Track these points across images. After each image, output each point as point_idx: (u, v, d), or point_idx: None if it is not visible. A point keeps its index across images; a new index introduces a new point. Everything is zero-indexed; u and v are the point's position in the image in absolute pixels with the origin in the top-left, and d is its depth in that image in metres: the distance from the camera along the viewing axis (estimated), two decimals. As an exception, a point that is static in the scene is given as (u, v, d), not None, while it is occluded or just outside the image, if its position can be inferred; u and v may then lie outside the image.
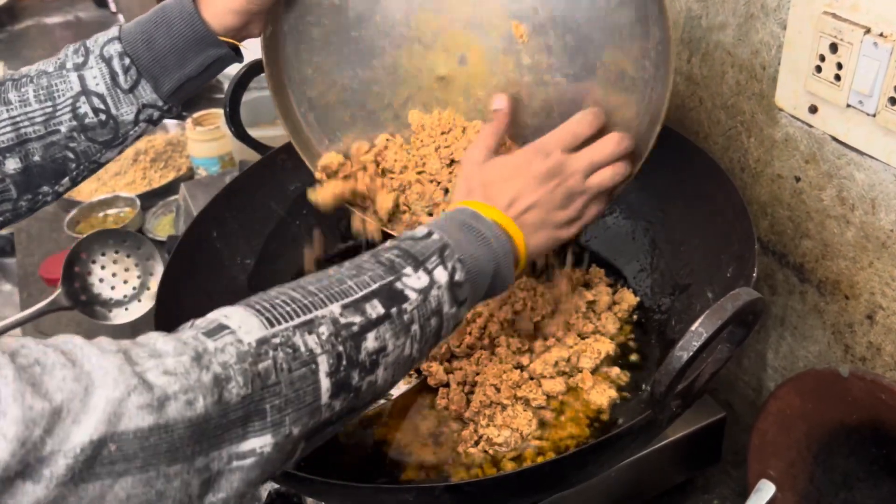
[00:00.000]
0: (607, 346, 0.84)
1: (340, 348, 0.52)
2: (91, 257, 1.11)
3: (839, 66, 0.69)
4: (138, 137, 0.77)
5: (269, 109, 1.39)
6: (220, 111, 1.39)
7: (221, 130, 1.40)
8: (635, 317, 0.89)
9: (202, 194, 1.17)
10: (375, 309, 0.55)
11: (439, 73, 0.79)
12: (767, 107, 0.81)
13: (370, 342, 0.54)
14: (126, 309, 1.11)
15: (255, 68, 0.93)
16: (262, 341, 0.49)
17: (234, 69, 0.86)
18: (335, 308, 0.53)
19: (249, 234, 0.96)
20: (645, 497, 0.84)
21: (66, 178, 0.75)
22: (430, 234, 0.61)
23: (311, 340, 0.51)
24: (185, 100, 0.77)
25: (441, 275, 0.59)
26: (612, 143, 0.72)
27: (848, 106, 0.70)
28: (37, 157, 0.72)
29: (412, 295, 0.57)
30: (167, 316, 0.80)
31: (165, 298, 0.81)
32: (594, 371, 0.82)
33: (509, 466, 0.75)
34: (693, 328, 0.56)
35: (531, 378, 0.81)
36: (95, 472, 0.41)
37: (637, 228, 0.95)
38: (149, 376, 0.44)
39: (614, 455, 0.69)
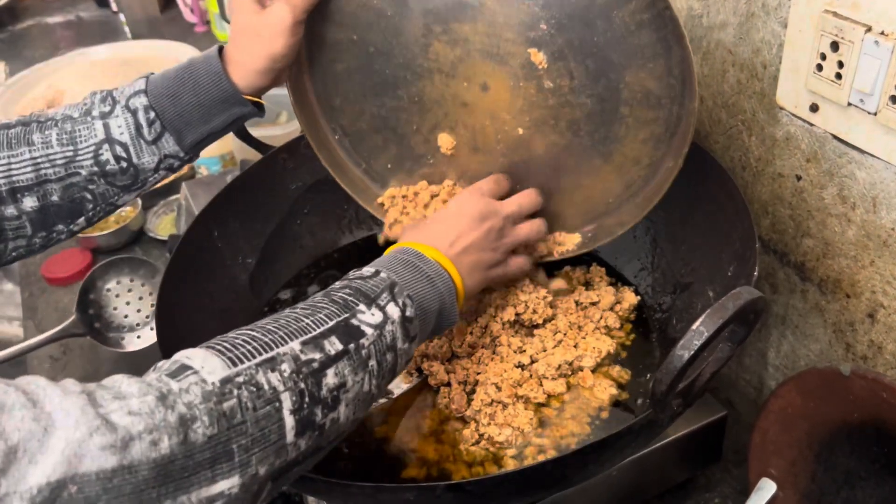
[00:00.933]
0: (608, 345, 0.84)
1: (302, 385, 0.53)
2: (106, 284, 1.11)
3: (840, 64, 0.69)
4: (157, 184, 0.79)
5: (270, 109, 1.40)
6: (222, 110, 1.38)
7: (222, 130, 1.40)
8: (636, 315, 0.89)
9: (203, 193, 1.17)
10: (334, 345, 0.56)
11: (463, 100, 0.80)
12: (768, 105, 0.81)
13: (330, 378, 0.55)
14: (139, 336, 1.12)
15: None
16: (226, 380, 0.49)
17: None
18: (295, 345, 0.54)
19: (250, 233, 0.96)
20: (646, 496, 0.84)
21: (82, 218, 0.76)
22: (377, 273, 0.64)
23: (274, 378, 0.51)
24: (203, 148, 0.79)
25: (393, 311, 0.61)
26: (533, 194, 0.81)
27: (849, 104, 0.70)
28: (55, 197, 0.73)
29: (368, 331, 0.59)
30: (168, 315, 0.80)
31: (167, 298, 0.81)
32: (595, 369, 0.83)
33: (510, 465, 0.75)
34: (694, 327, 0.56)
35: (532, 377, 0.81)
36: None
37: (638, 227, 0.95)
38: (112, 417, 0.43)
39: (615, 454, 0.69)
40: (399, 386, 0.83)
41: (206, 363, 0.49)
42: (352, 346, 0.57)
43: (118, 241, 1.33)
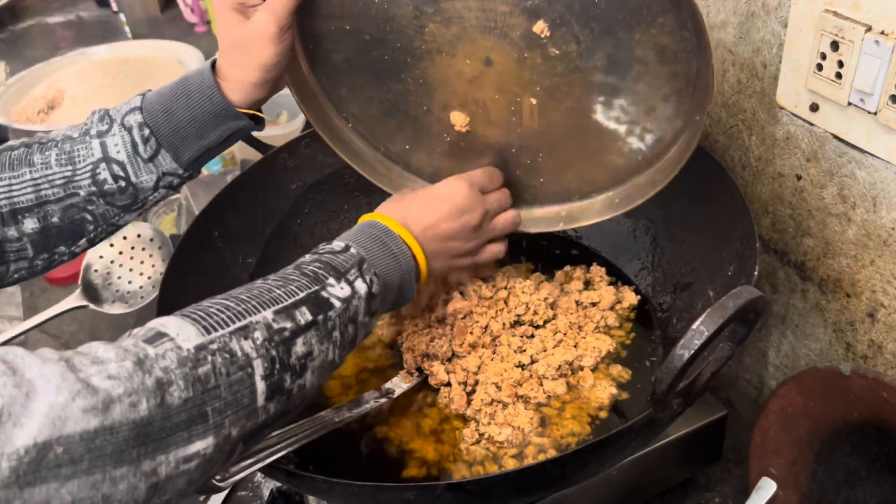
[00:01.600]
0: (608, 344, 0.84)
1: (274, 352, 0.55)
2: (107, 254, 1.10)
3: (840, 64, 0.69)
4: (157, 202, 0.80)
5: (270, 108, 1.40)
6: (222, 110, 1.38)
7: (223, 129, 1.40)
8: (636, 314, 0.89)
9: (204, 193, 1.17)
10: (304, 315, 0.58)
11: (468, 77, 0.78)
12: (768, 105, 0.81)
13: (299, 347, 0.57)
14: (141, 297, 1.11)
15: None
16: (201, 347, 0.51)
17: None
18: (268, 314, 0.56)
19: (251, 233, 0.96)
20: (647, 495, 0.84)
21: (84, 240, 0.76)
22: (347, 248, 0.66)
23: (247, 345, 0.54)
24: (203, 165, 0.78)
25: (361, 286, 0.64)
26: (508, 194, 0.83)
27: (849, 104, 0.70)
28: (55, 219, 0.73)
29: (336, 303, 0.61)
30: (169, 314, 0.80)
31: (167, 297, 0.81)
32: (595, 369, 0.83)
33: (510, 464, 0.75)
34: (694, 327, 0.56)
35: (532, 377, 0.81)
36: (41, 475, 0.42)
37: (638, 227, 0.95)
38: (93, 381, 0.45)
39: (616, 453, 0.69)
40: (399, 386, 0.83)
41: (181, 330, 0.51)
42: (320, 317, 0.59)
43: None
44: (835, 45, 0.69)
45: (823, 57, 0.70)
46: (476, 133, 0.83)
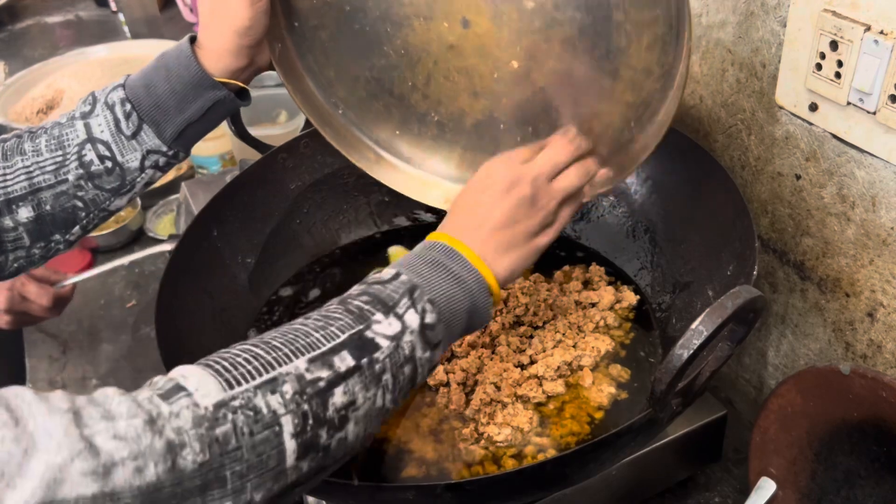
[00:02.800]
0: (607, 344, 0.84)
1: (306, 407, 0.50)
2: None
3: (839, 63, 0.69)
4: (147, 185, 0.76)
5: (269, 108, 1.40)
6: (221, 110, 1.38)
7: (222, 129, 1.40)
8: (636, 314, 0.89)
9: (203, 193, 1.17)
10: (345, 361, 0.53)
11: (448, 42, 0.76)
12: (768, 105, 0.81)
13: (338, 397, 0.52)
14: None
15: None
16: (221, 405, 0.47)
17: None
18: (300, 363, 0.51)
19: (250, 232, 0.96)
20: (646, 494, 0.84)
21: (77, 227, 0.75)
22: (397, 276, 0.59)
23: (274, 401, 0.49)
24: (191, 145, 0.77)
25: (412, 319, 0.57)
26: (565, 141, 0.70)
27: (848, 104, 0.70)
28: (48, 207, 0.72)
29: (384, 343, 0.55)
30: (168, 314, 0.80)
31: (167, 297, 0.81)
32: (594, 368, 0.83)
33: (510, 464, 0.75)
34: (693, 326, 0.56)
35: (532, 377, 0.81)
36: None
37: (637, 227, 0.95)
38: (97, 440, 0.42)
39: (615, 453, 0.69)
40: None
41: (201, 385, 0.47)
42: (364, 360, 0.53)
43: (118, 241, 1.33)
44: (834, 45, 0.69)
45: (822, 56, 0.70)
46: (463, 108, 0.81)
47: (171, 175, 1.47)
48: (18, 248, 0.74)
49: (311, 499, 0.81)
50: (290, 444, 0.49)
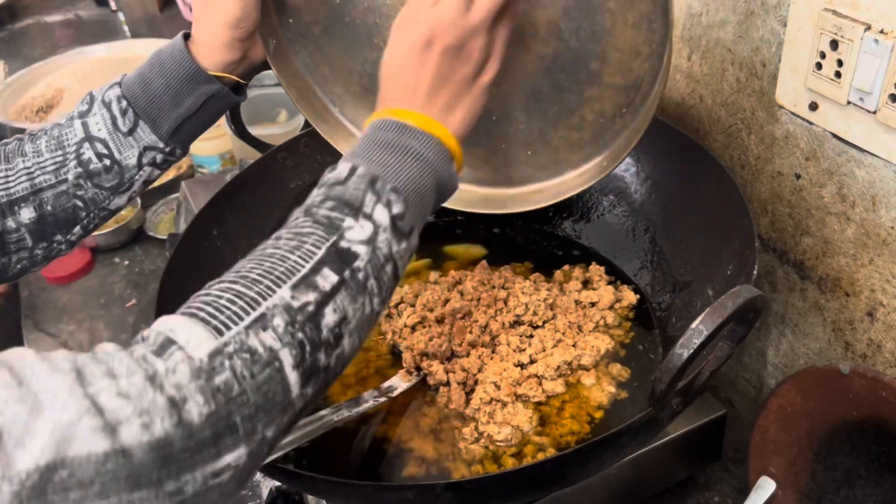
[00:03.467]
0: (607, 343, 0.84)
1: (301, 335, 0.49)
2: None
3: (839, 63, 0.69)
4: (146, 183, 0.77)
5: (269, 107, 1.40)
6: (221, 109, 1.38)
7: (222, 128, 1.40)
8: (635, 313, 0.89)
9: (203, 192, 1.17)
10: (328, 279, 0.51)
11: None
12: (768, 104, 0.81)
13: (329, 317, 0.51)
14: None
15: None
16: (215, 353, 0.46)
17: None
18: (285, 292, 0.50)
19: (250, 232, 0.96)
20: (646, 494, 0.84)
21: (78, 227, 0.75)
22: (354, 170, 0.56)
23: (268, 337, 0.48)
24: (190, 141, 0.77)
25: (381, 215, 0.55)
26: None
27: (848, 103, 0.70)
28: (49, 207, 0.73)
29: (361, 249, 0.53)
30: (169, 313, 0.80)
31: (167, 297, 0.81)
32: (594, 367, 0.83)
33: (510, 463, 0.75)
34: (693, 326, 0.56)
35: (532, 376, 0.81)
36: (48, 499, 0.39)
37: (637, 226, 0.95)
38: (101, 399, 0.42)
39: (615, 452, 0.69)
40: (398, 385, 0.83)
41: (191, 336, 0.46)
42: (347, 272, 0.52)
43: (118, 240, 1.33)
44: (834, 44, 0.69)
45: (823, 56, 0.70)
46: None
47: (171, 174, 1.47)
48: (21, 250, 0.74)
49: (310, 498, 0.81)
50: (293, 376, 0.48)
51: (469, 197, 0.84)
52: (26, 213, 0.72)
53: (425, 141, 0.59)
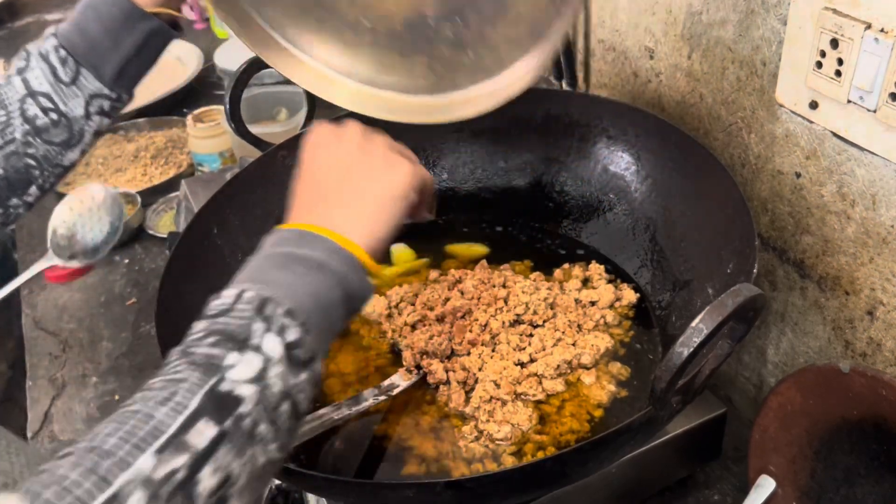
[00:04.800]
0: (607, 342, 0.84)
1: None
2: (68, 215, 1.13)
3: (840, 61, 0.69)
4: (98, 134, 0.76)
5: (269, 106, 1.39)
6: (221, 108, 1.38)
7: (222, 127, 1.40)
8: (635, 312, 0.89)
9: (203, 191, 1.17)
10: (203, 434, 0.42)
11: None
12: (768, 103, 0.81)
13: (206, 481, 0.42)
14: (101, 251, 1.14)
15: (254, 65, 0.93)
16: None
17: (233, 65, 0.85)
18: (145, 461, 0.40)
19: (250, 230, 0.96)
20: (646, 493, 0.84)
21: (34, 187, 0.74)
22: (241, 294, 0.50)
23: None
24: (134, 85, 0.75)
25: (272, 345, 0.47)
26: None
27: (849, 102, 0.70)
28: (0, 170, 0.72)
29: (245, 391, 0.45)
30: (168, 312, 0.80)
31: (167, 295, 0.81)
32: (594, 366, 0.83)
33: (509, 461, 0.75)
34: (693, 324, 0.56)
35: (532, 375, 0.81)
36: None
37: (637, 225, 0.95)
38: None
39: (615, 451, 0.69)
40: (399, 383, 0.83)
41: None
42: (228, 422, 0.43)
43: (118, 239, 1.33)
44: (834, 43, 0.69)
45: (823, 54, 0.70)
46: (390, 8, 0.77)
47: (171, 173, 1.48)
48: None
49: (310, 497, 0.82)
50: None
51: (415, 106, 0.81)
52: None
53: (328, 246, 0.54)
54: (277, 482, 0.88)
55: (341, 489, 0.67)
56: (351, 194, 0.58)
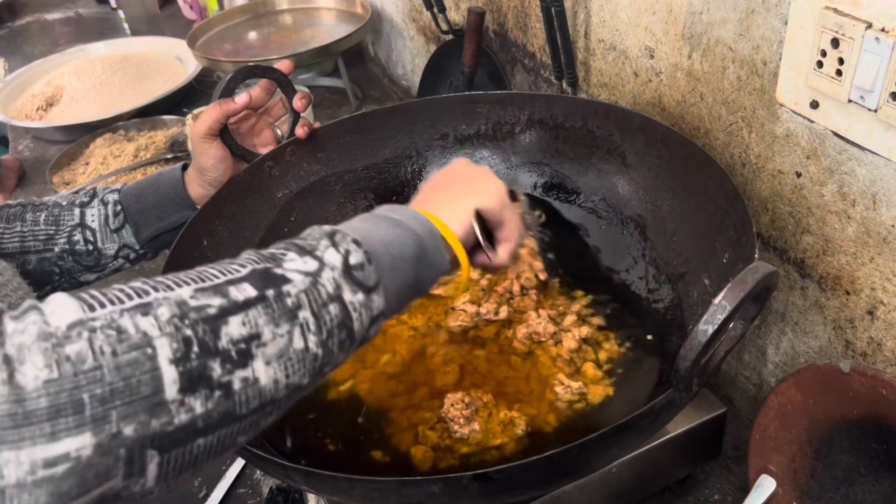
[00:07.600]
0: (594, 334, 0.84)
1: (189, 332, 0.43)
2: None
3: (840, 61, 0.69)
4: (116, 270, 0.92)
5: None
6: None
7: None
8: (633, 311, 0.89)
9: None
10: (243, 291, 0.46)
11: None
12: (768, 102, 0.81)
13: (234, 327, 0.45)
14: None
15: (241, 73, 0.93)
16: (76, 324, 0.40)
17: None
18: (184, 291, 0.45)
19: (239, 241, 0.95)
20: (646, 492, 0.84)
21: (48, 287, 0.88)
22: (319, 227, 0.55)
23: (145, 322, 0.42)
24: (160, 249, 0.93)
25: (332, 257, 0.51)
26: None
27: (849, 101, 0.70)
28: (31, 266, 0.86)
29: (296, 277, 0.49)
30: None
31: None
32: (583, 361, 0.83)
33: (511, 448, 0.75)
34: (716, 301, 0.56)
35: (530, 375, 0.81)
36: None
37: (627, 223, 0.95)
38: None
39: (637, 436, 0.67)
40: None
41: (59, 307, 0.41)
42: (270, 291, 0.47)
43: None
44: (835, 42, 0.69)
45: (824, 54, 0.70)
46: None
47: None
48: None
49: (310, 497, 0.81)
50: (169, 371, 0.41)
51: None
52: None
53: (412, 215, 0.59)
54: (277, 482, 0.88)
55: (363, 489, 0.62)
56: (449, 193, 0.66)
